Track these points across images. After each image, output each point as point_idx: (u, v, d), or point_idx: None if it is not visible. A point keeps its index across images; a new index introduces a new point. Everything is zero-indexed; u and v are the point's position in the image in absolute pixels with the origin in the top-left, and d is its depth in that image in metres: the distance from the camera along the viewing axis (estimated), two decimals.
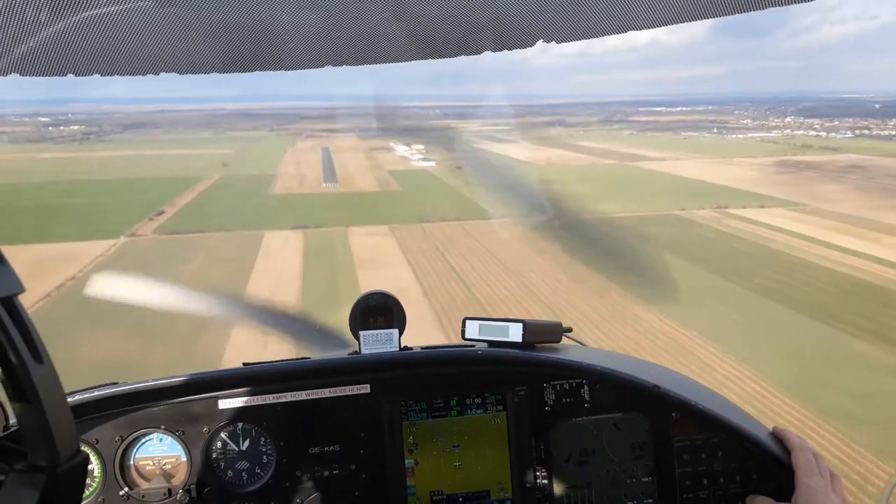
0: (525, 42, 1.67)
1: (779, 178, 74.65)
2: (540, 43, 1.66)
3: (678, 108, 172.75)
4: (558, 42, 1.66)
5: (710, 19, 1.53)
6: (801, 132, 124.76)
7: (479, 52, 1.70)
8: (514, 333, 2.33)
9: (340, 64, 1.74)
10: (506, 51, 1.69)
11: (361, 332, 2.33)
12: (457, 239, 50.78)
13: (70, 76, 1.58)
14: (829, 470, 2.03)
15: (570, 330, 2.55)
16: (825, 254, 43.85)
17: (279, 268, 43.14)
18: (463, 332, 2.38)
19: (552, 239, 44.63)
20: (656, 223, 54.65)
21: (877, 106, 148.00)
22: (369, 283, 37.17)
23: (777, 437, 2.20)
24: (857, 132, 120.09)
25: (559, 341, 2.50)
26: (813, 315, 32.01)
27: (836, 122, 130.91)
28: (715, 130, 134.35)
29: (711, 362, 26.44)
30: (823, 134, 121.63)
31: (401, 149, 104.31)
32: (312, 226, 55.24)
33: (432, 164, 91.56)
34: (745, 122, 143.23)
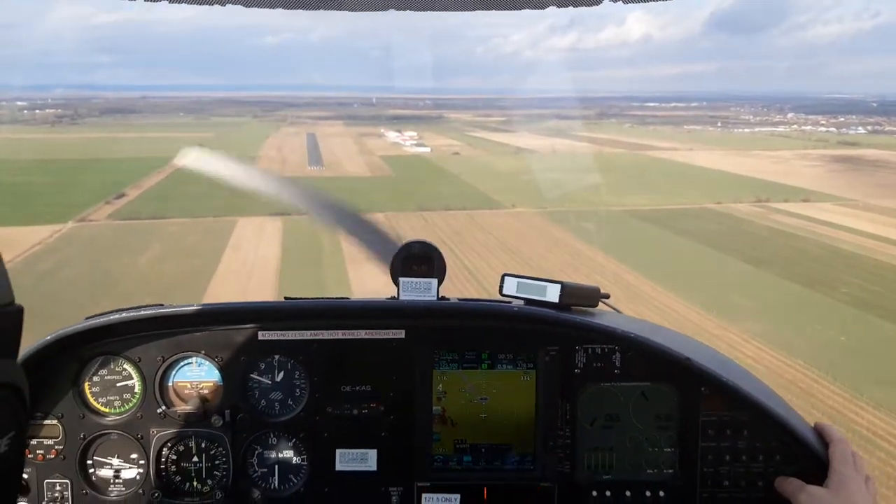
0: None
1: (809, 172, 68.83)
2: (606, 2, 1.55)
3: (671, 104, 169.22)
4: (625, 2, 1.56)
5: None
6: (808, 128, 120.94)
7: (543, 7, 1.62)
8: (552, 293, 2.26)
9: (404, 9, 1.66)
10: (571, 7, 1.61)
11: (401, 279, 2.31)
12: (464, 231, 44.15)
13: None
14: (865, 470, 1.99)
15: (607, 296, 2.47)
16: None
17: (251, 261, 36.36)
18: (501, 287, 2.31)
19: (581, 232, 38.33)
20: (693, 217, 48.22)
21: (874, 105, 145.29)
22: (362, 282, 30.39)
23: (818, 430, 2.15)
24: (870, 128, 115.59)
25: (595, 306, 2.44)
26: None
27: (842, 119, 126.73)
28: (719, 124, 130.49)
29: (841, 407, 19.42)
30: (834, 130, 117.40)
31: (392, 135, 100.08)
32: (294, 212, 48.72)
33: (427, 149, 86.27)
34: (747, 117, 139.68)
